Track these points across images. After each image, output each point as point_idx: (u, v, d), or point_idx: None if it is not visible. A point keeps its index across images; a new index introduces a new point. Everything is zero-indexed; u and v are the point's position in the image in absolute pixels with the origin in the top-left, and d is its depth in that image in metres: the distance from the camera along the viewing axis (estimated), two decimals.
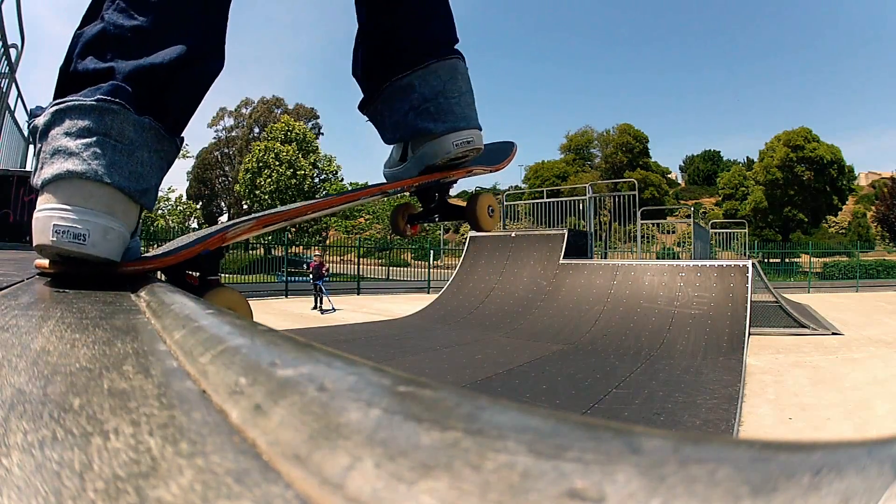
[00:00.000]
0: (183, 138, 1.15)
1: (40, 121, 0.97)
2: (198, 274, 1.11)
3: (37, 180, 0.95)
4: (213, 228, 1.23)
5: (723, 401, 4.13)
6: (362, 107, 1.54)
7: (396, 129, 1.46)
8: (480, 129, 1.48)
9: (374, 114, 1.52)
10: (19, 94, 8.81)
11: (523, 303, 9.00)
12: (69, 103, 0.95)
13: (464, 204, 1.81)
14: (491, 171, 1.80)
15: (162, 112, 1.04)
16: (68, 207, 0.91)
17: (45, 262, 0.99)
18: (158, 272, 1.09)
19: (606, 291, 8.34)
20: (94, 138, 0.93)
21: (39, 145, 0.96)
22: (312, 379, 0.25)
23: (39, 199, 0.94)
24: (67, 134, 0.94)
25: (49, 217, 0.91)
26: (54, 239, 0.90)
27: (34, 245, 0.95)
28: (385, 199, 1.82)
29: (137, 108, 0.99)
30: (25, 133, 9.31)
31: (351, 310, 12.29)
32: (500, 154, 1.87)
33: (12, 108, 8.36)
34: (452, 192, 1.80)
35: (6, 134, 8.08)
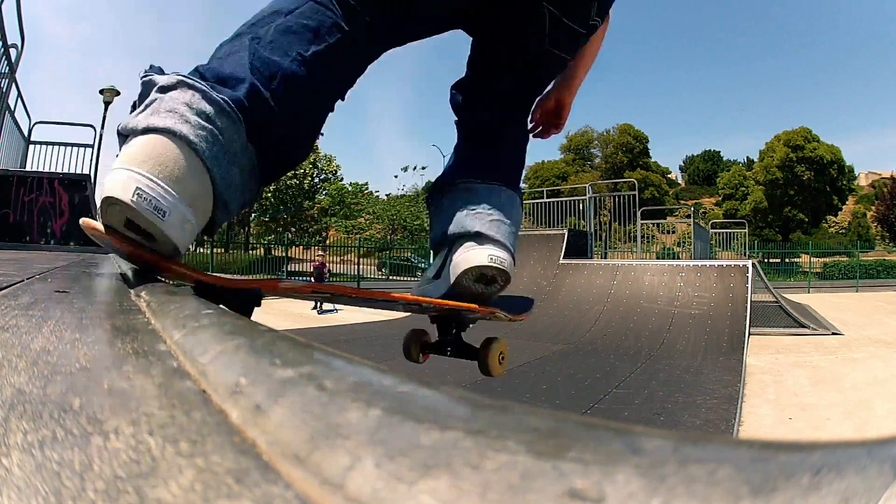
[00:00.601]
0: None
1: (162, 78, 0.91)
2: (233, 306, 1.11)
3: (137, 123, 0.86)
4: (271, 278, 1.30)
5: (723, 401, 4.13)
6: (429, 197, 1.64)
7: (447, 223, 1.49)
8: (514, 262, 1.51)
9: (437, 203, 1.58)
10: (19, 95, 8.81)
11: None
12: (197, 85, 0.91)
13: (477, 347, 1.84)
14: (510, 321, 1.81)
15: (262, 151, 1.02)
16: (156, 179, 0.82)
17: (100, 225, 0.88)
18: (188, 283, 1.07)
19: (606, 291, 8.35)
20: (210, 126, 0.89)
21: (153, 97, 0.89)
22: (312, 379, 0.25)
23: (124, 152, 0.85)
24: (188, 106, 0.88)
25: (135, 178, 0.81)
26: (134, 199, 0.79)
27: (104, 197, 0.81)
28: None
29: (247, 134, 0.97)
30: (25, 133, 9.31)
31: (351, 310, 12.28)
32: (521, 305, 1.89)
33: (12, 108, 8.36)
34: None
35: (6, 134, 8.08)
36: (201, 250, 20.23)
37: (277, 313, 11.24)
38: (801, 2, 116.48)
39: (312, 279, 12.45)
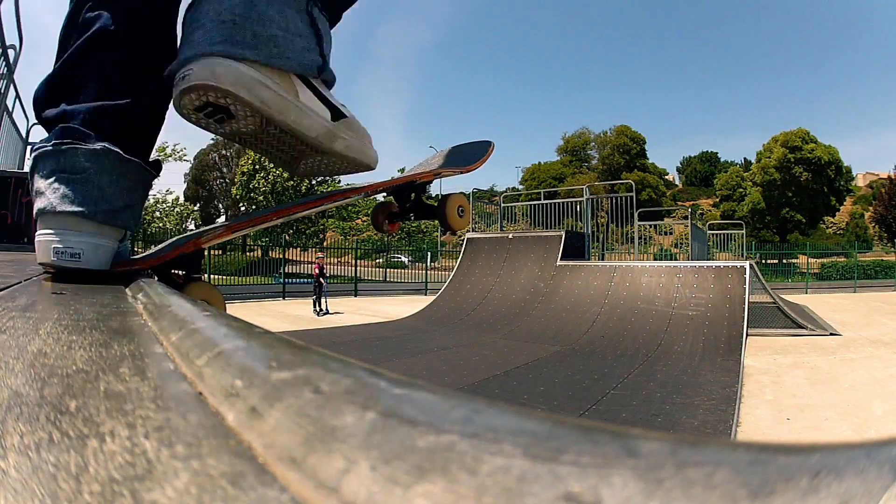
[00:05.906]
0: (158, 162, 1.29)
1: (29, 164, 1.17)
2: (182, 272, 1.26)
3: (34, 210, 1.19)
4: (188, 234, 1.36)
5: (721, 402, 4.13)
6: None
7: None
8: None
9: None
10: (17, 96, 8.78)
11: (521, 304, 9.01)
12: (39, 150, 1.15)
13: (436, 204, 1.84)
14: (463, 173, 1.83)
15: (116, 139, 1.18)
16: (61, 232, 1.11)
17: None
18: (148, 271, 1.22)
19: (604, 293, 8.35)
20: (55, 176, 1.12)
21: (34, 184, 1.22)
22: (308, 381, 0.25)
23: (38, 224, 1.14)
24: (41, 176, 1.14)
25: (49, 241, 1.11)
26: (55, 259, 1.10)
27: (38, 262, 1.14)
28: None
29: (96, 137, 1.15)
30: (24, 134, 9.29)
31: (348, 312, 12.28)
32: (474, 154, 1.90)
33: (10, 110, 8.34)
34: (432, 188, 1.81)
35: (4, 135, 8.06)
36: None
37: (275, 315, 11.24)
38: (799, 2, 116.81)
39: (316, 279, 12.40)
